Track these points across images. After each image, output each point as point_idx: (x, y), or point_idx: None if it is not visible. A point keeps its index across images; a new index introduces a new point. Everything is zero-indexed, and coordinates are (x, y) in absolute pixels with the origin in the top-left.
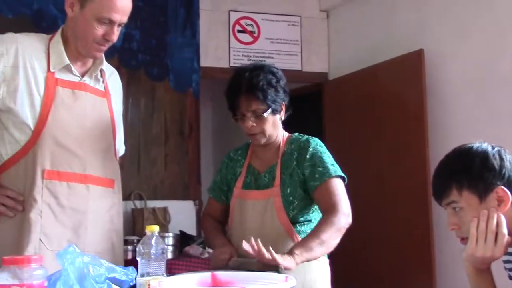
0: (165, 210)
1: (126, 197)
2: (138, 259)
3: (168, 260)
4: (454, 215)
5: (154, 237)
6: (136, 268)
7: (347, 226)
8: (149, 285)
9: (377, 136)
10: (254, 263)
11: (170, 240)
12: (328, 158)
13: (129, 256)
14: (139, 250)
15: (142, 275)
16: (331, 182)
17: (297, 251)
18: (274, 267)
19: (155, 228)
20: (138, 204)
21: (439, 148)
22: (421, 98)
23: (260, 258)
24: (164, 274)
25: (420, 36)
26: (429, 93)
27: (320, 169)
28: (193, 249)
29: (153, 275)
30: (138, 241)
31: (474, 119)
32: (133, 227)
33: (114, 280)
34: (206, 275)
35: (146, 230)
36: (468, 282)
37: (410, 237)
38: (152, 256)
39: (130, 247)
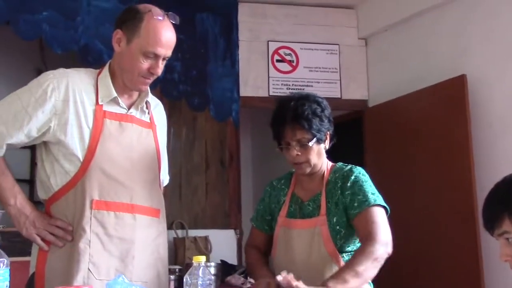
0: (206, 239)
1: (168, 226)
2: None
3: None
4: (507, 246)
5: (201, 268)
6: None
7: (385, 256)
8: None
9: (420, 164)
10: None
11: (211, 270)
12: (370, 187)
13: (172, 286)
14: (186, 281)
15: None
16: (370, 210)
17: (330, 284)
18: None
19: (202, 259)
20: (180, 233)
21: (486, 177)
22: (465, 125)
23: None
24: None
25: (462, 61)
26: (473, 120)
27: (359, 197)
28: (235, 279)
29: None
30: (180, 270)
31: None
32: (175, 256)
33: None
34: None
35: (193, 261)
36: None
37: (458, 269)
38: (199, 287)
39: (172, 276)
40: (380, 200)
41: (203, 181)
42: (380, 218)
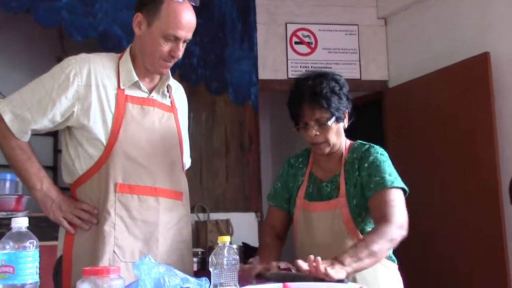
0: (227, 222)
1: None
2: (210, 269)
3: None
4: None
5: (226, 248)
6: (209, 278)
7: (400, 238)
8: None
9: (442, 144)
10: (299, 276)
11: None
12: (388, 167)
13: (195, 268)
14: (212, 261)
15: (215, 286)
16: (386, 192)
17: (347, 261)
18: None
19: (227, 239)
20: (201, 216)
21: (510, 157)
22: (488, 104)
23: (316, 274)
24: (237, 284)
25: (485, 38)
26: (497, 97)
27: (376, 178)
28: (257, 261)
29: (225, 286)
30: (203, 253)
31: None
32: (197, 239)
33: None
34: (277, 286)
35: (218, 241)
36: None
37: (481, 247)
38: (225, 267)
39: (195, 259)
40: (397, 181)
41: (223, 164)
42: (397, 201)
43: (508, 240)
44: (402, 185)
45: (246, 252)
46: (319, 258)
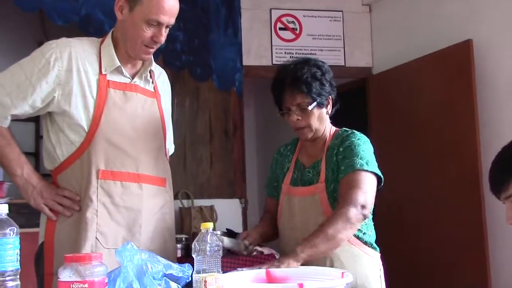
0: (212, 208)
1: (173, 196)
2: (193, 256)
3: None
4: None
5: (209, 234)
6: (192, 265)
7: (360, 217)
8: (205, 281)
9: (424, 131)
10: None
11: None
12: (362, 151)
13: (179, 254)
14: (195, 247)
15: (198, 272)
16: (354, 175)
17: (299, 249)
18: None
19: (210, 225)
20: (185, 203)
21: (491, 145)
22: (470, 92)
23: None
24: (220, 270)
25: (468, 26)
26: (479, 86)
27: (347, 161)
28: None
29: (208, 272)
30: (187, 239)
31: None
32: (181, 225)
33: (171, 277)
34: (261, 272)
35: (201, 227)
36: None
37: (463, 234)
38: (207, 253)
39: (179, 245)
40: (370, 166)
41: (207, 151)
42: (364, 183)
43: (488, 228)
44: (375, 169)
45: (230, 237)
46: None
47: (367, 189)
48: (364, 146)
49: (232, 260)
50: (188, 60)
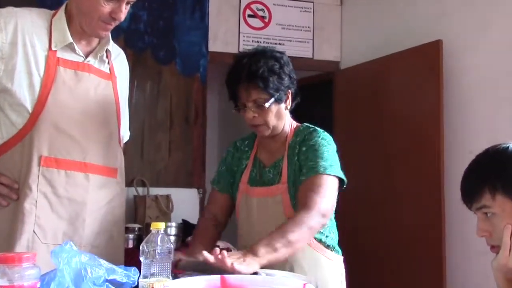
0: (168, 198)
1: (128, 183)
2: (141, 259)
3: None
4: (485, 221)
5: (160, 236)
6: (139, 268)
7: (319, 226)
8: None
9: (389, 130)
10: (211, 268)
11: (172, 230)
12: (326, 152)
13: (130, 245)
14: (143, 249)
15: (145, 277)
16: (316, 178)
17: (261, 251)
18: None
19: (161, 226)
20: (141, 191)
21: (455, 146)
22: (437, 92)
23: (222, 267)
24: (170, 276)
25: (438, 26)
26: (446, 86)
27: (310, 163)
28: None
29: (157, 276)
30: (140, 229)
31: (493, 116)
32: (135, 215)
33: (114, 282)
34: (215, 278)
35: (151, 228)
36: None
37: (421, 235)
38: (157, 257)
39: (131, 236)
40: (332, 169)
41: (166, 138)
42: (324, 187)
43: (446, 227)
44: (338, 173)
45: (185, 229)
46: (224, 252)
47: (329, 196)
48: (328, 147)
49: None
50: (151, 42)
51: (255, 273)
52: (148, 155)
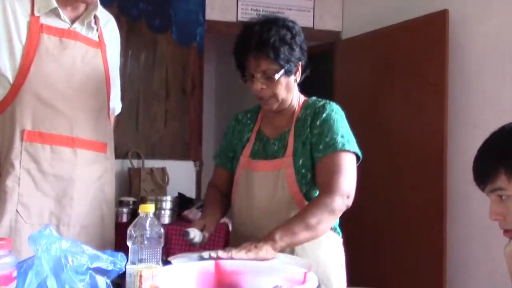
0: (163, 170)
1: (123, 155)
2: (128, 244)
3: (165, 225)
4: (499, 204)
5: (149, 219)
6: (127, 253)
7: (344, 208)
8: (140, 276)
9: (392, 103)
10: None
11: (168, 204)
12: (341, 127)
13: (124, 219)
14: (130, 234)
15: (133, 263)
16: (335, 156)
17: (277, 236)
18: None
19: (150, 209)
20: (135, 163)
21: (459, 119)
22: (443, 63)
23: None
24: (160, 262)
25: None
26: (451, 57)
27: (327, 139)
28: (192, 214)
29: (146, 263)
30: (134, 202)
31: (500, 88)
32: (129, 188)
33: (99, 270)
34: (209, 264)
35: (140, 211)
36: (511, 279)
37: (423, 211)
38: (145, 242)
39: (125, 209)
40: (350, 145)
41: (162, 109)
42: (345, 166)
43: (448, 204)
44: (355, 149)
45: (181, 203)
46: (233, 251)
47: (351, 175)
48: (343, 122)
49: None
50: (146, 9)
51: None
52: (143, 126)
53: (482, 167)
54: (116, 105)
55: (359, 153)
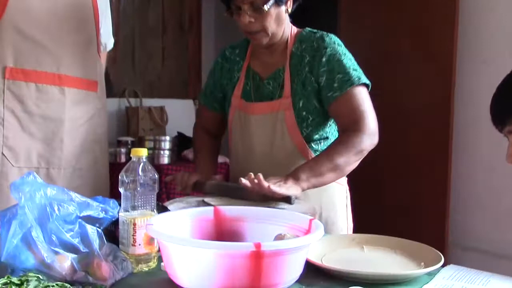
0: (162, 109)
1: (120, 94)
2: (121, 190)
3: (164, 165)
4: None
5: (142, 164)
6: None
7: (371, 148)
8: (134, 224)
9: (399, 39)
10: (241, 190)
11: (167, 144)
12: (349, 60)
13: (122, 159)
14: (122, 180)
15: (126, 210)
16: (354, 92)
17: (304, 176)
18: (283, 198)
19: (143, 152)
20: (133, 102)
21: (468, 55)
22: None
23: (262, 191)
24: (154, 210)
25: None
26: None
27: (340, 75)
28: (192, 153)
29: (140, 209)
30: (132, 142)
31: (511, 21)
32: (127, 127)
33: (90, 218)
34: (208, 210)
35: (132, 155)
36: None
37: (428, 151)
38: (138, 188)
39: (123, 150)
40: (363, 76)
41: (159, 45)
42: (366, 102)
43: (453, 144)
44: (367, 80)
45: (181, 142)
46: (260, 175)
47: (372, 110)
48: (347, 53)
49: None
50: None
51: (288, 198)
52: (140, 64)
53: (501, 107)
54: (107, 40)
55: (369, 83)
